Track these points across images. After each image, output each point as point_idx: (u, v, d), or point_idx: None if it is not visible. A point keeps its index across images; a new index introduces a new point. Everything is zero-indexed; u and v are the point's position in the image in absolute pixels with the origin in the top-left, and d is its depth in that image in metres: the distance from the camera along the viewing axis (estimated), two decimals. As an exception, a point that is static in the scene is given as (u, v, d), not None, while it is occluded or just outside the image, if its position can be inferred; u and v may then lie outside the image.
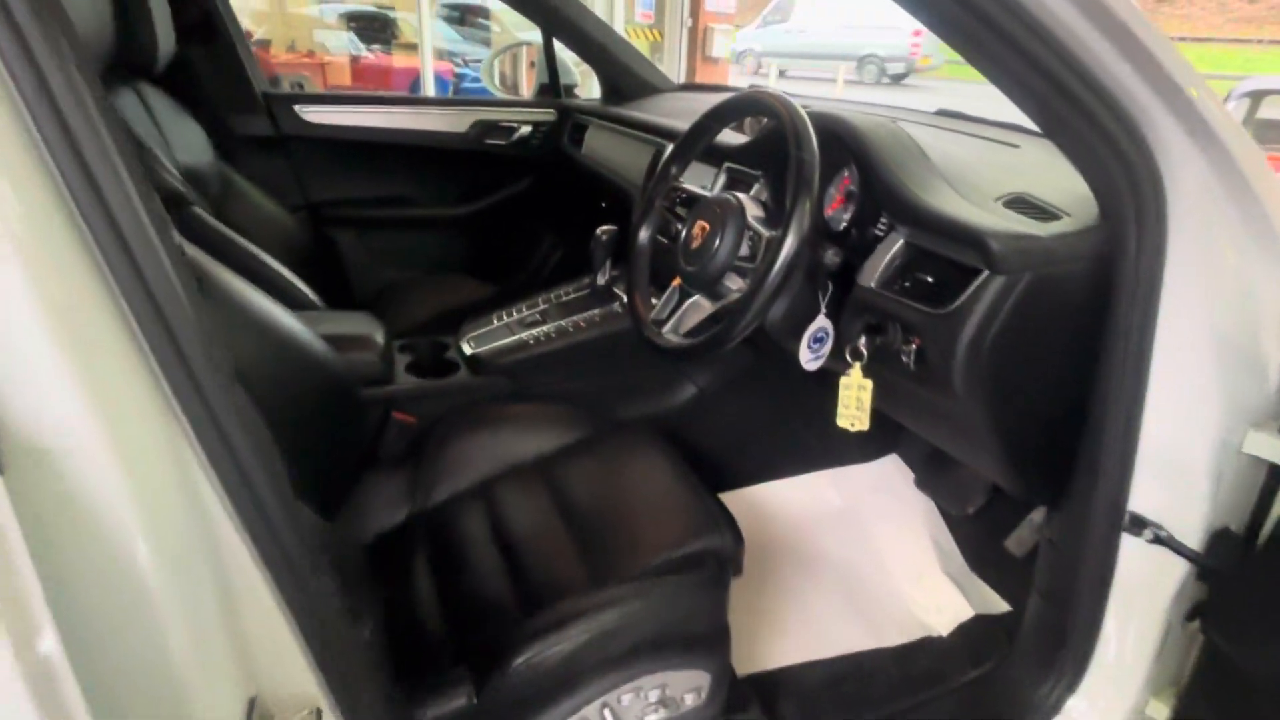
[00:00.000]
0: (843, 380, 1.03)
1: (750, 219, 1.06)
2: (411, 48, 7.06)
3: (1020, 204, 0.99)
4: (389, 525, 1.24)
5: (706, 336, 1.03)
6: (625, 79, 2.13)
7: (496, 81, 2.71)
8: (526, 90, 2.56)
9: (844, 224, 1.13)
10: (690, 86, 2.23)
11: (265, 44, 8.60)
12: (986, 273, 0.87)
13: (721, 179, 1.43)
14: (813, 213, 0.94)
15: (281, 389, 1.02)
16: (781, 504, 1.62)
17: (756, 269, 1.00)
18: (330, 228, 2.16)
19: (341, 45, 8.79)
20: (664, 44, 6.74)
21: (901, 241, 1.00)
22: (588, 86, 2.53)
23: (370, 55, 8.79)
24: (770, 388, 1.65)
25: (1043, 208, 0.97)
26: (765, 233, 1.00)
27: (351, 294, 2.18)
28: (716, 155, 1.33)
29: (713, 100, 1.40)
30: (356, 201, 2.19)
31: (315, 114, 2.02)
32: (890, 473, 1.62)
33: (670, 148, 1.31)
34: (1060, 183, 1.09)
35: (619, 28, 5.56)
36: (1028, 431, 0.98)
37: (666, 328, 1.14)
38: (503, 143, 2.22)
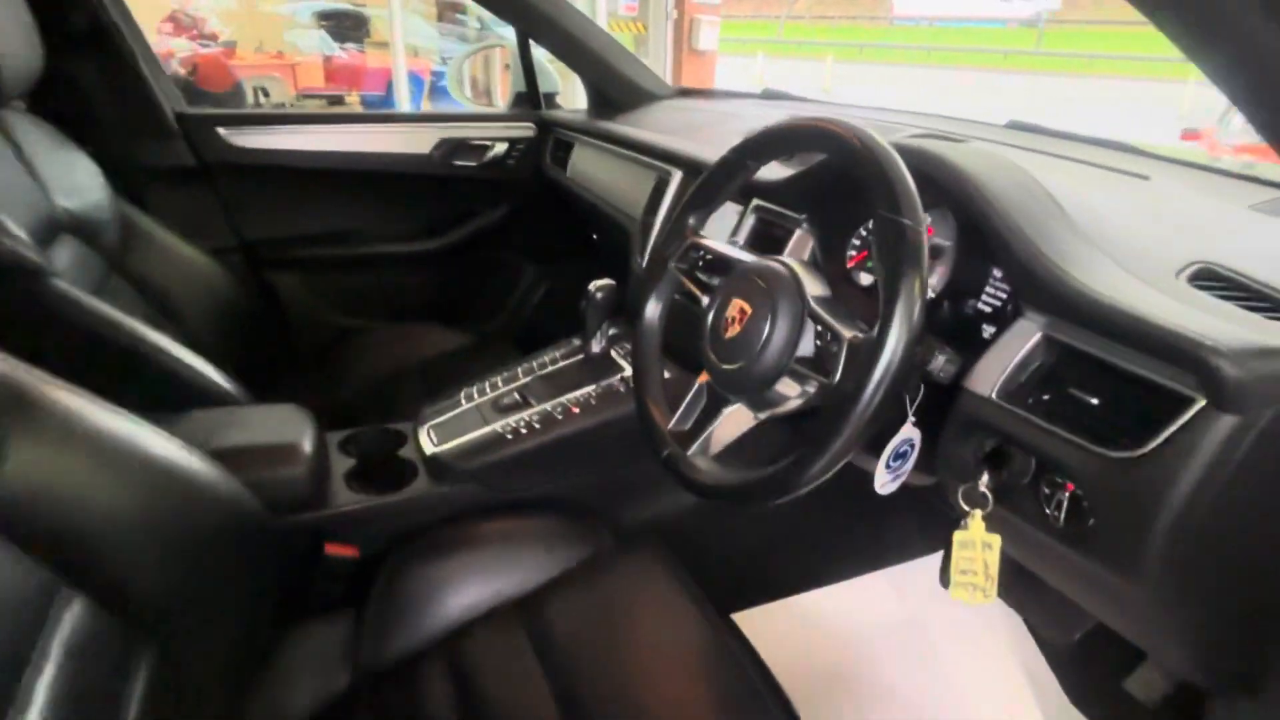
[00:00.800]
0: (957, 537, 0.72)
1: (812, 301, 0.74)
2: (387, 46, 6.71)
3: (1216, 282, 0.68)
4: (325, 696, 0.92)
5: (762, 479, 0.71)
6: (615, 85, 1.81)
7: (466, 89, 2.37)
8: (502, 98, 2.22)
9: (930, 293, 0.82)
10: (690, 92, 1.91)
11: (231, 45, 8.23)
12: (1203, 404, 0.56)
13: (749, 223, 1.11)
14: (923, 305, 0.63)
15: (150, 545, 0.69)
16: (827, 617, 1.30)
17: (835, 386, 0.68)
18: (269, 271, 1.82)
19: (313, 45, 8.41)
20: (648, 36, 6.42)
21: (1039, 336, 0.69)
22: (571, 93, 2.20)
23: (343, 54, 8.42)
24: None
25: (1256, 289, 0.65)
26: (844, 332, 0.68)
27: (296, 350, 1.84)
28: (743, 190, 1.01)
29: (718, 109, 1.07)
30: (300, 239, 1.85)
31: (245, 137, 1.68)
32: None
33: (687, 190, 0.99)
34: (1253, 242, 0.77)
35: (602, 23, 5.21)
36: (1239, 617, 0.67)
37: (694, 447, 0.82)
38: (473, 164, 1.88)
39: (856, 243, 1.01)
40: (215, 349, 1.28)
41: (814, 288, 0.76)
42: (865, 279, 0.97)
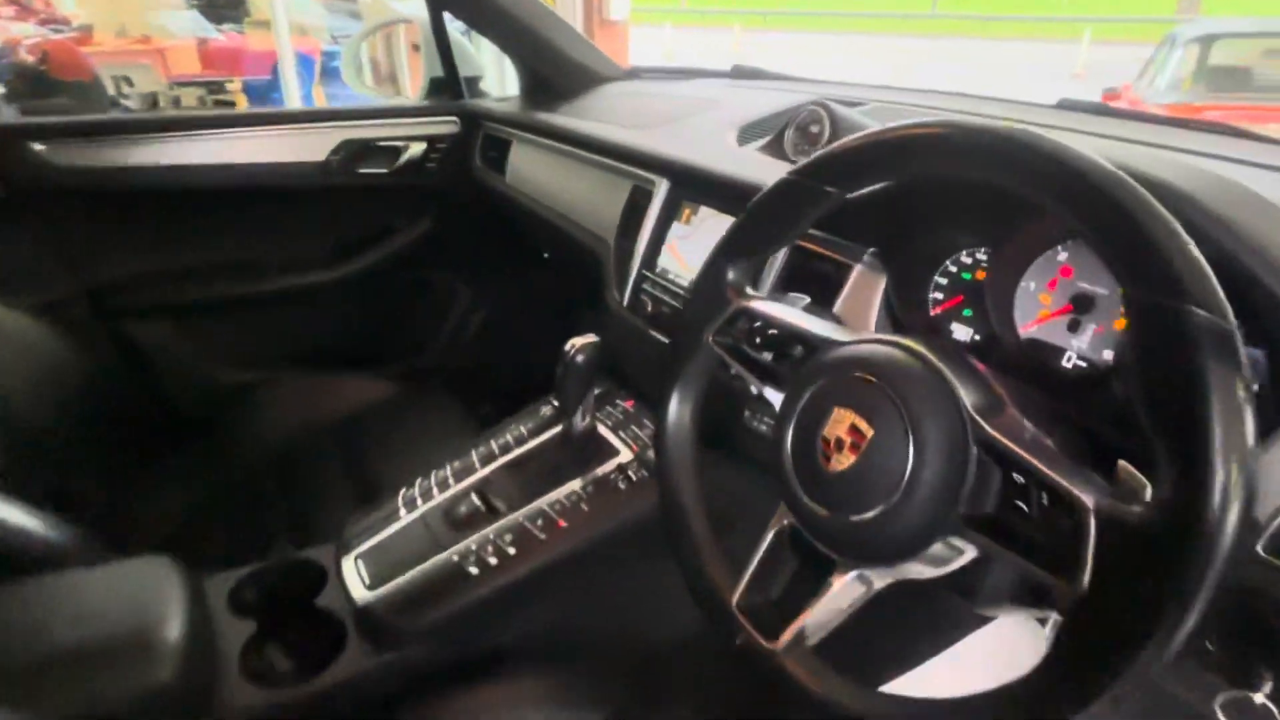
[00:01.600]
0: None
1: (971, 410, 0.47)
2: (269, 25, 6.02)
3: None
4: None
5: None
6: (553, 66, 1.47)
7: (367, 77, 1.97)
8: (413, 88, 1.85)
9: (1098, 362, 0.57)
10: (644, 72, 1.59)
11: (87, 30, 7.29)
12: None
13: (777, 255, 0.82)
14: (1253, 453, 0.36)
15: None
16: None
17: (1088, 599, 0.40)
18: (127, 322, 1.42)
19: (185, 27, 7.55)
20: (556, 5, 5.99)
21: None
22: (497, 79, 1.85)
23: (220, 36, 7.59)
24: None
25: None
26: (1082, 496, 0.40)
27: (170, 422, 1.45)
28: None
29: (685, 93, 0.82)
30: (165, 277, 1.45)
31: (73, 153, 1.27)
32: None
33: (679, 205, 0.71)
34: None
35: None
36: None
37: (788, 635, 0.54)
38: (384, 170, 1.52)
39: (943, 281, 0.74)
40: (46, 448, 0.91)
41: (972, 394, 0.48)
42: (960, 331, 0.71)
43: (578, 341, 0.88)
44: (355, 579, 0.84)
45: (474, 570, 0.81)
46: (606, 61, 1.57)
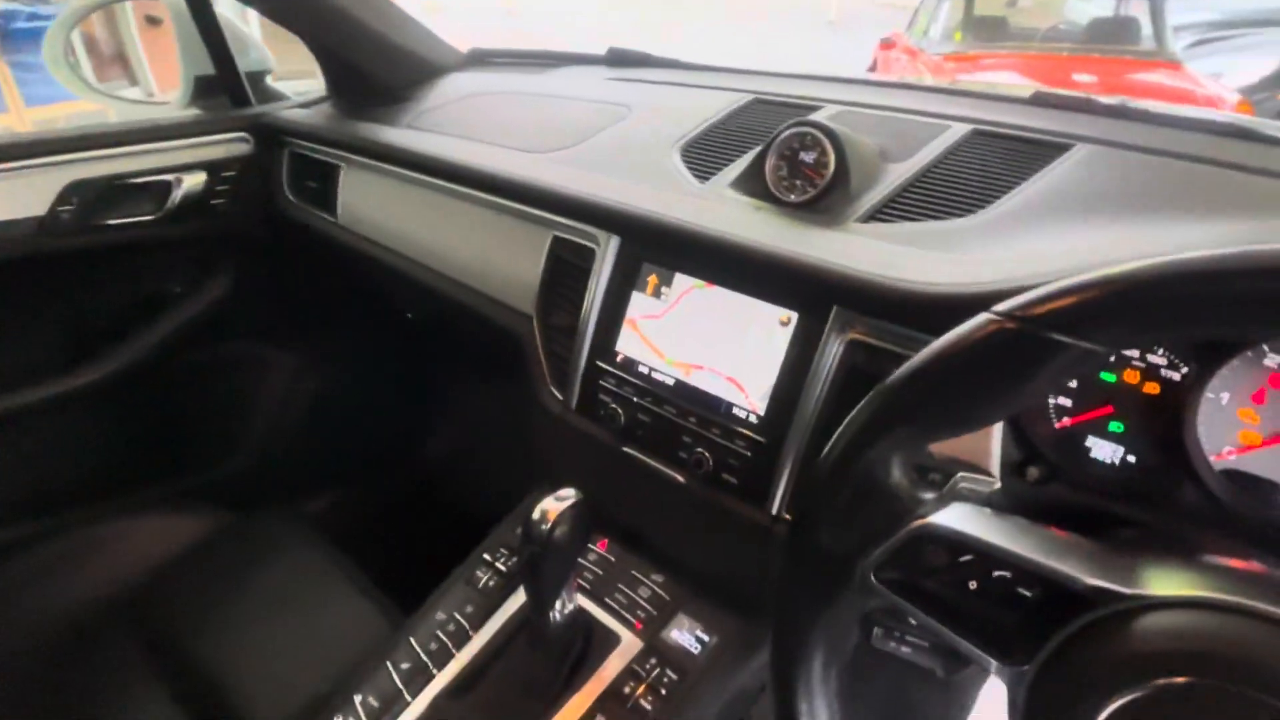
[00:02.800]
0: None
1: None
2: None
3: None
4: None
5: None
6: (371, 53, 1.09)
7: (84, 68, 1.42)
8: (157, 86, 1.35)
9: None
10: (492, 58, 1.25)
11: None
12: None
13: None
14: None
15: None
16: None
17: None
18: None
19: None
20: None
21: None
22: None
23: None
24: None
25: None
26: None
27: None
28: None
29: (560, 88, 0.68)
30: None
31: None
32: None
33: (640, 273, 0.53)
34: None
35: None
36: None
37: None
38: (147, 218, 1.06)
39: (1072, 384, 0.55)
40: None
41: None
42: (1104, 450, 0.53)
43: (551, 506, 0.59)
44: None
45: None
46: (439, 44, 1.21)
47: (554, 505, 0.59)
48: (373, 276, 1.11)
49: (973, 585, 0.37)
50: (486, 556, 0.75)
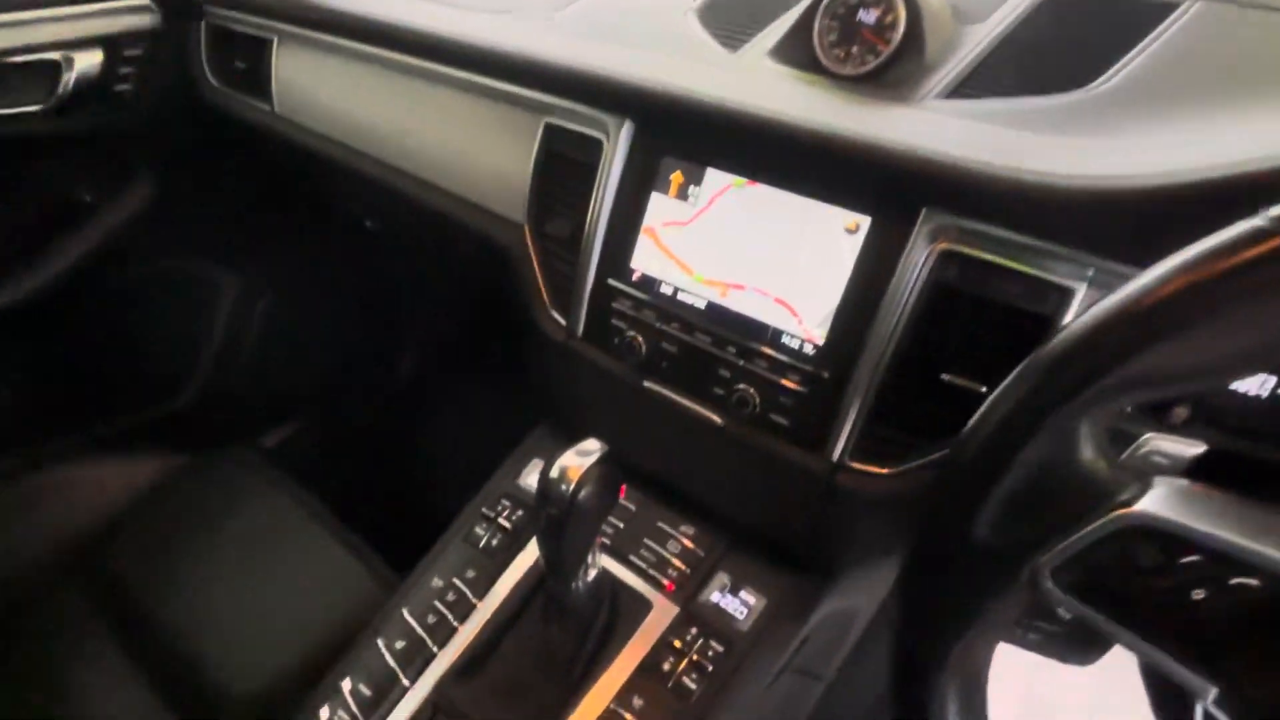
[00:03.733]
0: None
1: None
2: None
3: None
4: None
5: None
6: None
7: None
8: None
9: None
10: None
11: None
12: None
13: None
14: None
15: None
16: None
17: None
18: None
19: None
20: None
21: None
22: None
23: None
24: None
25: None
26: None
27: None
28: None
29: None
30: None
31: None
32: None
33: (670, 176, 0.48)
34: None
35: None
36: None
37: None
38: (34, 108, 0.86)
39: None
40: None
41: None
42: None
43: (573, 463, 0.47)
44: None
45: None
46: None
47: (576, 462, 0.48)
48: (321, 179, 0.94)
49: (1199, 595, 0.27)
50: (486, 511, 0.64)
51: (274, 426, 1.19)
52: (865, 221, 0.49)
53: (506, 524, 0.63)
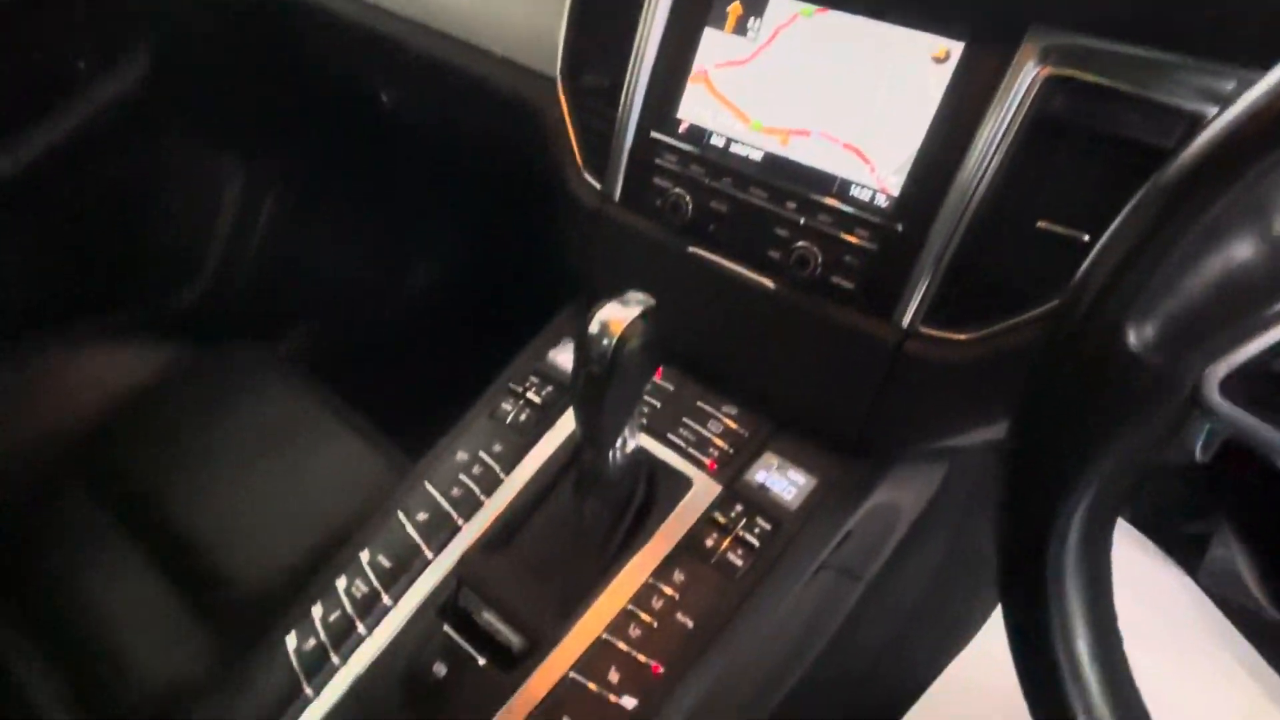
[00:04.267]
0: None
1: None
2: None
3: None
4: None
5: None
6: None
7: None
8: None
9: None
10: None
11: None
12: None
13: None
14: None
15: None
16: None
17: None
18: None
19: None
20: None
21: None
22: None
23: None
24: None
25: None
26: None
27: None
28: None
29: None
30: None
31: None
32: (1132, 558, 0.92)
33: None
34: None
35: None
36: None
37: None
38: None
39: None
40: None
41: None
42: None
43: (616, 315, 0.43)
44: None
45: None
46: None
47: (620, 313, 0.43)
48: (334, 46, 0.87)
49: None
50: (514, 385, 0.60)
51: (285, 329, 1.15)
52: (957, 48, 0.43)
53: (536, 399, 0.59)
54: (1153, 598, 0.94)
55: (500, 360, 0.67)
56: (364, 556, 0.53)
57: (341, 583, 0.52)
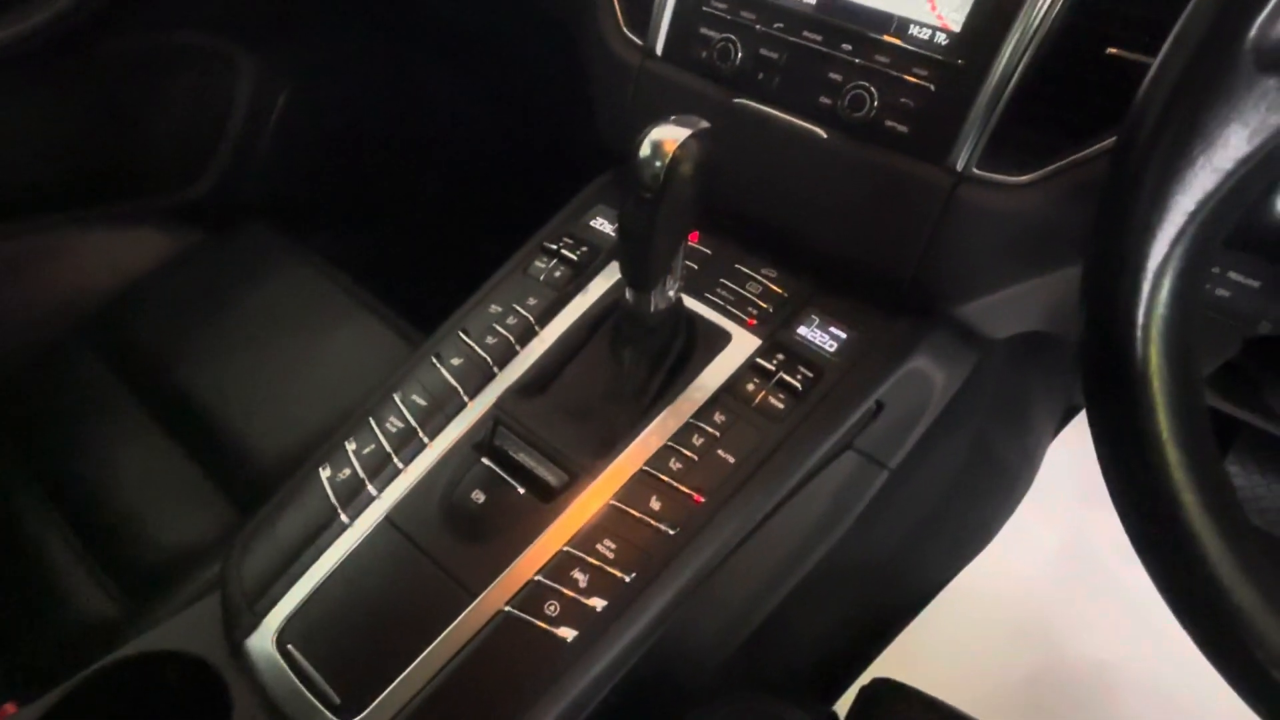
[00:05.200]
0: None
1: None
2: None
3: None
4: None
5: None
6: None
7: None
8: None
9: None
10: None
11: None
12: None
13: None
14: None
15: None
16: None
17: None
18: None
19: None
20: None
21: None
22: None
23: None
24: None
25: None
26: None
27: None
28: None
29: None
30: None
31: None
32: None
33: None
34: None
35: None
36: None
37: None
38: None
39: None
40: None
41: None
42: None
43: (670, 135, 0.41)
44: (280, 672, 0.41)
45: (559, 629, 0.42)
46: None
47: (672, 133, 0.41)
48: None
49: None
50: (549, 244, 0.59)
51: (303, 223, 1.13)
52: None
53: (572, 255, 0.58)
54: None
55: (529, 233, 0.65)
56: (398, 396, 0.52)
57: (372, 421, 0.52)
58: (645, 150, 0.42)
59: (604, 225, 0.61)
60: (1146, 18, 0.40)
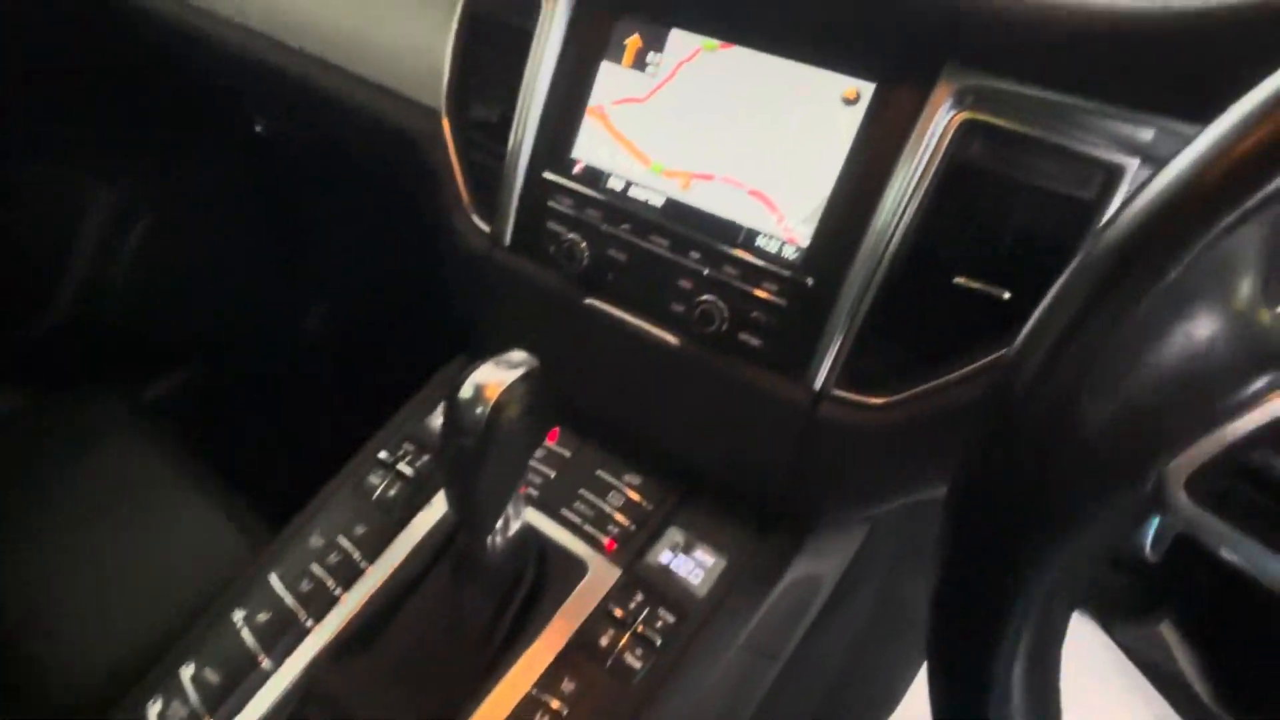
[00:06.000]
0: None
1: None
2: None
3: None
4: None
5: None
6: None
7: None
8: None
9: None
10: None
11: None
12: None
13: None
14: None
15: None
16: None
17: None
18: None
19: None
20: None
21: None
22: None
23: None
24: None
25: None
26: None
27: None
28: None
29: None
30: None
31: None
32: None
33: None
34: None
35: None
36: None
37: None
38: None
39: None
40: None
41: None
42: None
43: (492, 378, 0.36)
44: None
45: None
46: None
47: (496, 376, 0.36)
48: (202, 66, 0.79)
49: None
50: (384, 455, 0.52)
51: (152, 377, 1.02)
52: (868, 89, 0.40)
53: (408, 470, 0.51)
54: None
55: (381, 420, 0.59)
56: (186, 672, 0.43)
57: (155, 708, 0.42)
58: (466, 393, 0.36)
59: (451, 424, 0.55)
60: (991, 247, 0.38)
